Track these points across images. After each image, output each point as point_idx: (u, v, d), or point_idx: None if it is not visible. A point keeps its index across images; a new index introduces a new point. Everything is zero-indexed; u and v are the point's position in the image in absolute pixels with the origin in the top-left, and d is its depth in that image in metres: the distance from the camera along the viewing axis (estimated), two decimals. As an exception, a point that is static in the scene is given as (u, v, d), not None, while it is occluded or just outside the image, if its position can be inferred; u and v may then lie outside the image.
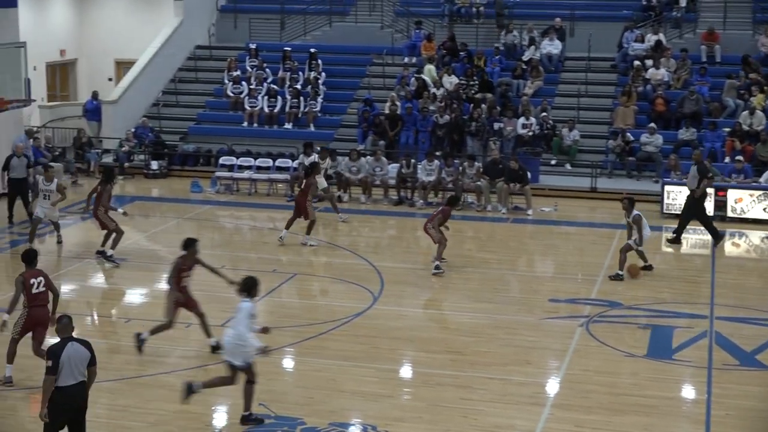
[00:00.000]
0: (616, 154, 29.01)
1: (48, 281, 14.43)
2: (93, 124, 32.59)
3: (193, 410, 13.67)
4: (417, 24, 34.53)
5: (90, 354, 11.50)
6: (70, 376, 11.31)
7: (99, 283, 20.06)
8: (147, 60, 33.87)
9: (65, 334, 11.53)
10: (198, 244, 15.68)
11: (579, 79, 32.26)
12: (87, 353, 11.47)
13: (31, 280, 14.25)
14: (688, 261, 22.96)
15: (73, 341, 11.46)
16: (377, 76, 33.48)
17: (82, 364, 11.42)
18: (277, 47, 34.85)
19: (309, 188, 22.58)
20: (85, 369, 11.46)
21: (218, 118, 33.01)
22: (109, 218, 20.71)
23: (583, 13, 34.73)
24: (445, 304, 19.13)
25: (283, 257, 21.85)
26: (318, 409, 13.78)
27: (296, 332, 16.52)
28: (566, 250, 23.27)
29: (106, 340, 16.79)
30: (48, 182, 21.64)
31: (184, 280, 15.56)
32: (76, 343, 11.46)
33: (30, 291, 14.21)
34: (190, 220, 25.56)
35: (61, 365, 11.23)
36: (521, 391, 14.55)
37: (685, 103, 29.89)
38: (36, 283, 14.25)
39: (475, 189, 26.70)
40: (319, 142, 29.74)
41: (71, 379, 11.32)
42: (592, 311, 18.22)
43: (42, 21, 35.53)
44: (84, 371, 11.45)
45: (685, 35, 33.74)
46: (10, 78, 24.44)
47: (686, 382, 15.28)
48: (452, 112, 29.94)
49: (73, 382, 11.33)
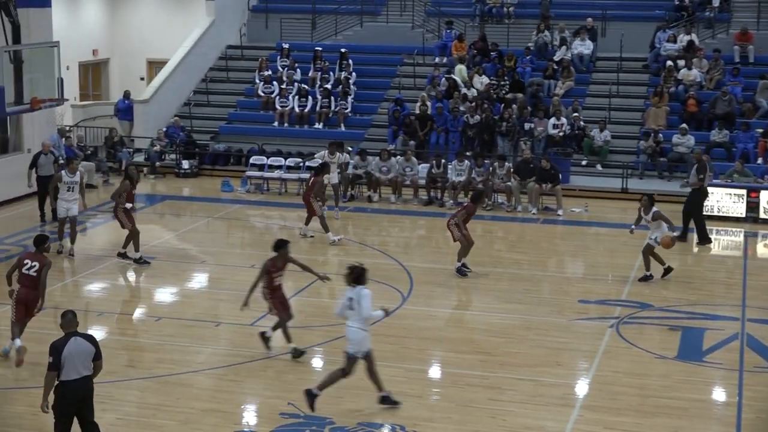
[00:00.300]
0: (648, 154, 28.86)
1: (41, 270, 14.94)
2: (125, 123, 32.78)
3: (222, 409, 13.75)
4: (448, 24, 34.49)
5: (95, 349, 11.62)
6: (73, 371, 11.46)
7: (129, 281, 20.16)
8: (179, 59, 34.02)
9: (69, 329, 11.67)
10: (288, 245, 15.74)
11: (610, 79, 32.12)
12: (91, 348, 11.59)
13: (25, 260, 15.06)
14: (719, 262, 22.81)
15: (77, 336, 11.60)
16: (408, 76, 33.47)
17: (87, 359, 11.55)
18: (308, 47, 34.92)
19: (314, 186, 22.97)
20: (90, 363, 11.59)
21: (249, 117, 33.10)
22: (126, 218, 20.67)
23: (615, 13, 34.58)
24: (475, 304, 19.10)
25: (313, 257, 21.88)
26: (346, 409, 13.80)
27: (325, 332, 16.55)
28: (597, 251, 23.19)
29: (137, 338, 16.89)
30: (71, 174, 21.42)
31: (276, 281, 15.66)
32: (80, 338, 11.61)
33: (21, 269, 15.03)
34: (221, 219, 25.66)
35: (63, 361, 11.39)
36: (551, 392, 14.51)
37: (718, 104, 29.70)
38: (29, 265, 14.99)
39: (506, 189, 26.64)
40: (350, 141, 29.81)
41: (74, 374, 11.47)
42: (623, 312, 18.14)
43: (75, 21, 35.77)
44: (88, 365, 11.58)
45: (718, 35, 33.52)
46: (43, 77, 24.55)
47: (717, 385, 15.18)
48: (483, 112, 29.89)
49: (76, 376, 11.49)
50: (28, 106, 23.94)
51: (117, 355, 15.67)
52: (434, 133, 30.23)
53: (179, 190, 29.13)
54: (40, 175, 24.21)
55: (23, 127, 27.21)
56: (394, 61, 34.25)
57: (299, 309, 18.35)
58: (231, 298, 18.08)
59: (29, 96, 23.79)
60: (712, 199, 25.15)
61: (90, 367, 11.59)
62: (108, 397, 13.95)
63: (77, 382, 11.48)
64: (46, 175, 24.02)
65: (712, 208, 25.33)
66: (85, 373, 11.55)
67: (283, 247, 15.71)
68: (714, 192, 25.23)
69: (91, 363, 11.60)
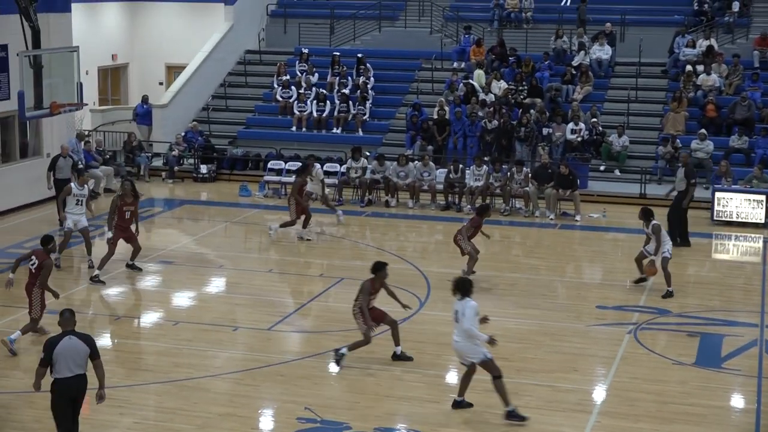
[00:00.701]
0: (666, 160, 28.77)
1: (39, 268, 16.06)
2: (143, 128, 32.88)
3: (239, 413, 13.77)
4: (466, 29, 34.49)
5: (89, 349, 11.77)
6: (65, 369, 11.66)
7: (147, 286, 20.20)
8: (197, 64, 34.12)
9: (65, 327, 11.89)
10: (387, 267, 15.76)
11: (629, 84, 32.06)
12: (85, 347, 11.74)
13: (32, 256, 16.30)
14: (738, 268, 22.72)
15: (72, 335, 11.78)
16: (426, 81, 33.48)
17: (80, 358, 11.71)
18: (326, 52, 34.97)
19: (294, 188, 23.53)
20: (84, 362, 11.75)
21: (267, 122, 33.17)
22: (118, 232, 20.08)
23: (633, 18, 34.52)
24: (492, 309, 18.95)
25: (330, 262, 21.90)
26: (364, 414, 13.81)
27: (343, 337, 16.55)
28: (615, 257, 23.14)
29: (154, 342, 16.92)
30: (80, 187, 20.95)
31: (371, 302, 15.74)
32: (75, 337, 11.77)
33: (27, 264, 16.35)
34: (239, 223, 25.71)
35: (56, 358, 11.62)
36: (568, 398, 14.48)
37: (737, 109, 29.60)
38: (32, 261, 16.23)
39: (523, 194, 26.61)
40: (368, 146, 29.84)
41: (67, 372, 11.66)
42: (640, 318, 18.10)
43: (94, 26, 35.90)
44: (82, 364, 11.74)
45: (737, 40, 33.43)
46: (63, 82, 24.67)
47: (735, 391, 15.12)
48: (501, 117, 29.87)
49: (69, 374, 11.68)
50: (47, 110, 24.05)
51: (135, 359, 15.72)
52: (452, 138, 30.22)
53: (197, 194, 29.21)
54: (58, 178, 24.22)
55: (42, 131, 27.33)
56: (412, 66, 34.28)
57: (317, 314, 18.40)
58: (248, 303, 18.13)
59: (49, 101, 23.91)
60: (731, 205, 25.10)
61: (84, 366, 11.76)
62: (125, 401, 14.01)
63: (70, 380, 11.69)
64: (64, 178, 24.06)
65: (731, 214, 25.24)
66: (78, 372, 11.73)
67: (381, 269, 15.70)
68: (733, 198, 25.17)
69: (86, 362, 11.77)
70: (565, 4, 35.79)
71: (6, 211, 25.72)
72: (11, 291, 17.00)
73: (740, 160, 28.31)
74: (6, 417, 13.55)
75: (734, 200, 25.25)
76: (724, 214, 25.32)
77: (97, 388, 11.96)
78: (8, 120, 26.23)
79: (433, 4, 35.80)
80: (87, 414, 13.62)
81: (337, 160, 29.51)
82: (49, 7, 26.36)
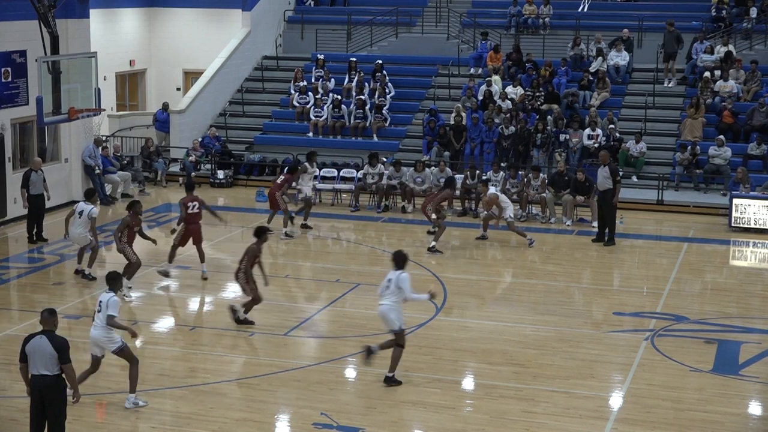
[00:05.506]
0: (684, 166, 28.68)
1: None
2: (161, 133, 32.99)
3: (255, 419, 13.79)
4: (483, 35, 34.47)
5: (57, 353, 11.83)
6: (33, 367, 11.91)
7: (163, 291, 20.25)
8: (215, 70, 34.19)
9: (43, 326, 12.05)
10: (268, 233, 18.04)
11: (646, 90, 31.98)
12: (51, 350, 11.81)
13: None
14: (756, 275, 22.62)
15: (44, 335, 11.91)
16: (443, 87, 33.47)
17: (46, 360, 11.83)
18: (343, 58, 35.02)
19: (283, 183, 24.35)
20: (52, 364, 11.85)
21: (284, 128, 33.21)
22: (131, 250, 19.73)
23: (651, 24, 34.41)
24: (509, 315, 19.03)
25: (346, 267, 21.91)
26: (379, 420, 13.80)
27: (359, 342, 16.54)
28: (632, 263, 23.07)
29: (171, 347, 16.96)
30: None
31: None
32: (45, 338, 11.88)
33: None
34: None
35: (28, 355, 11.90)
36: (584, 404, 14.45)
37: (755, 115, 29.50)
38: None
39: (540, 201, 26.56)
40: (384, 152, 29.85)
41: (35, 370, 11.91)
42: (658, 325, 18.04)
43: (113, 32, 36.05)
44: (49, 366, 11.85)
45: (755, 46, 33.30)
46: (81, 87, 24.80)
47: (753, 399, 15.05)
48: (518, 123, 29.84)
49: (35, 373, 11.91)
50: (65, 116, 24.17)
51: (151, 364, 15.74)
52: (469, 144, 30.20)
53: (214, 200, 29.21)
54: (32, 194, 23.39)
55: (61, 137, 27.44)
56: (429, 72, 34.27)
57: (332, 320, 18.41)
58: (265, 308, 18.14)
59: (67, 106, 24.02)
60: (748, 211, 25.02)
61: (51, 368, 11.85)
62: (142, 406, 14.03)
63: (36, 378, 11.91)
64: (37, 194, 23.40)
65: (749, 221, 25.15)
66: (44, 372, 11.84)
67: (263, 233, 18.07)
68: (751, 204, 25.07)
69: (54, 365, 11.84)
70: (582, 10, 35.72)
71: (24, 216, 25.78)
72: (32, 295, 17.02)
73: (758, 166, 28.20)
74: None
75: (752, 207, 25.15)
76: (742, 221, 25.22)
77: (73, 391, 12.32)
78: (27, 125, 26.33)
79: (450, 10, 35.80)
80: (102, 420, 13.71)
81: (353, 166, 29.53)
82: (67, 13, 26.50)
